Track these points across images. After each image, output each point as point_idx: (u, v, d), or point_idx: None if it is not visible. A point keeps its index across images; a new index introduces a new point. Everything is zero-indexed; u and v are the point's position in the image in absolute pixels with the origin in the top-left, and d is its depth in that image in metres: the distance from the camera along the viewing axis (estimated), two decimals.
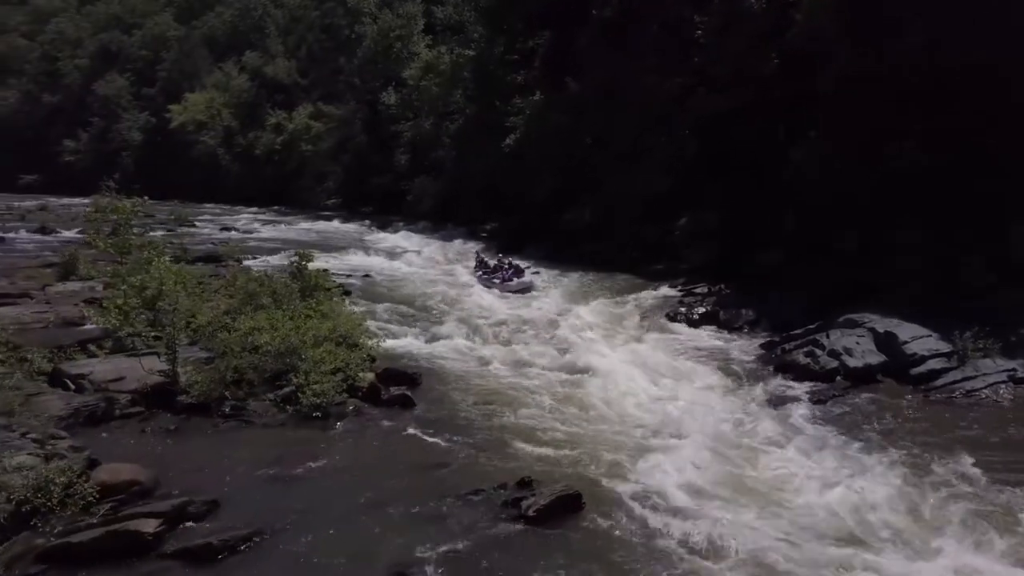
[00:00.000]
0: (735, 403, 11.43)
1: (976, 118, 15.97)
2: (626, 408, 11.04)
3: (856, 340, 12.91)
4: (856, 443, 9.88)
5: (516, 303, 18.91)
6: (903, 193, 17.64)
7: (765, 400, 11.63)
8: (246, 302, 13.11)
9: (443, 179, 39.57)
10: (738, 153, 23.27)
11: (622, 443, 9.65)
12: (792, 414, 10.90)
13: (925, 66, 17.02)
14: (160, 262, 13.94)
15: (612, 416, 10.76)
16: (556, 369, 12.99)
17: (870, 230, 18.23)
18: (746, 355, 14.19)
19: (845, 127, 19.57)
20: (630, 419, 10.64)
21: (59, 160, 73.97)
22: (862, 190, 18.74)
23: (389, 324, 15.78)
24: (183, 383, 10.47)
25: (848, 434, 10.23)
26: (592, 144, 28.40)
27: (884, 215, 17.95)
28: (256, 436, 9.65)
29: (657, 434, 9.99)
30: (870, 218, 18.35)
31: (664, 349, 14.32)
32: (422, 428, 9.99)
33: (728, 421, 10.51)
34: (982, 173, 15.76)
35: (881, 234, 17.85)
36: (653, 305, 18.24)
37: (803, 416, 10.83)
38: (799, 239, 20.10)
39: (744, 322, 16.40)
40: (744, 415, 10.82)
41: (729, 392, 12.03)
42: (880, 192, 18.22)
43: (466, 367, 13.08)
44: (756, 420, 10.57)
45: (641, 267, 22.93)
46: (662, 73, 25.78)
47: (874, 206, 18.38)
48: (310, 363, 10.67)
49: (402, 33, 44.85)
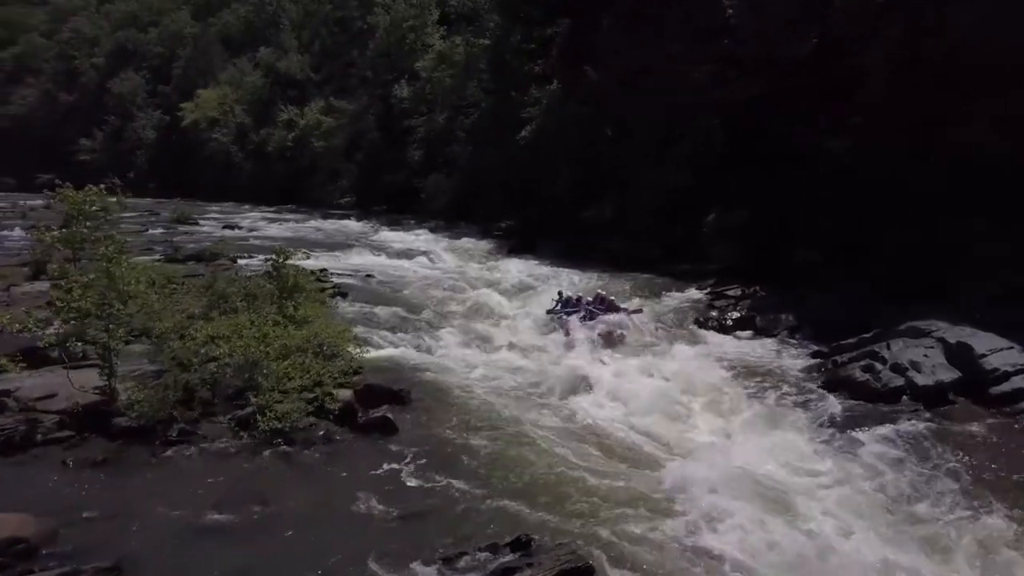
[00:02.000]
0: (785, 434, 9.48)
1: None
2: (653, 442, 9.20)
3: (924, 352, 10.97)
4: (939, 482, 8.01)
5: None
6: (962, 184, 15.75)
7: (820, 426, 9.74)
8: (214, 305, 11.48)
9: (457, 175, 37.91)
10: (770, 144, 21.35)
11: (647, 492, 7.79)
12: (855, 446, 9.01)
13: (988, 44, 15.10)
14: (120, 260, 12.43)
15: (635, 453, 8.94)
16: (568, 390, 11.17)
17: (922, 225, 16.38)
18: (791, 369, 12.27)
19: (894, 113, 17.72)
20: (658, 457, 8.80)
21: (75, 159, 73.34)
22: (912, 181, 16.87)
23: (383, 330, 14.04)
24: (123, 402, 8.83)
25: (926, 471, 8.34)
26: (613, 136, 26.60)
27: (939, 208, 16.06)
28: (200, 469, 7.96)
29: (692, 480, 8.04)
30: (922, 212, 16.49)
31: (695, 362, 12.40)
32: (402, 461, 8.25)
33: (778, 459, 8.60)
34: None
35: (936, 230, 15.97)
36: (680, 309, 16.37)
37: (868, 449, 8.93)
38: (838, 236, 18.27)
39: (784, 328, 14.53)
40: (797, 450, 8.91)
41: (775, 418, 10.09)
42: (934, 183, 16.34)
43: (463, 382, 11.30)
44: (812, 456, 8.69)
45: (665, 266, 21.08)
46: (688, 60, 23.92)
47: (927, 199, 16.49)
48: (272, 379, 8.98)
49: (415, 24, 43.27)
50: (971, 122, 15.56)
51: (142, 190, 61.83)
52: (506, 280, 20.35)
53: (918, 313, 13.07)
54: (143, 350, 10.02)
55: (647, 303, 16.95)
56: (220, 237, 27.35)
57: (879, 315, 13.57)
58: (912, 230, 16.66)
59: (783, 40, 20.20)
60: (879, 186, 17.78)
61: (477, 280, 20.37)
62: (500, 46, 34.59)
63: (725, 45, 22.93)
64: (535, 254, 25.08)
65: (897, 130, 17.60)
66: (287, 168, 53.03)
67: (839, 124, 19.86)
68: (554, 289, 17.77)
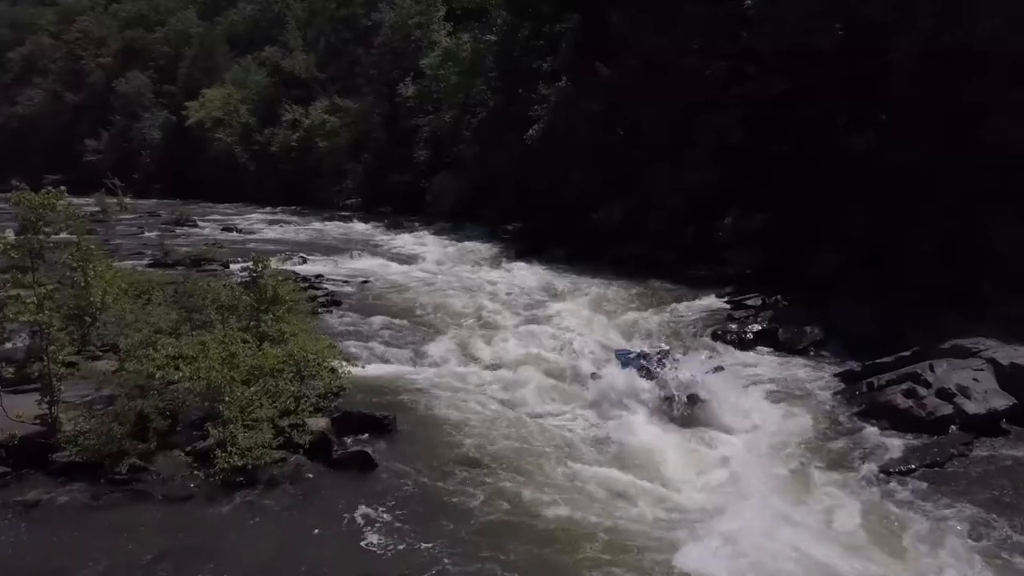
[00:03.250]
0: (818, 475, 8.20)
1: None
2: (667, 484, 8.03)
3: (973, 376, 9.79)
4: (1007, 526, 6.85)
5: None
6: (997, 184, 14.68)
7: (857, 462, 8.55)
8: (183, 319, 10.45)
9: (464, 176, 36.86)
10: (791, 142, 20.21)
11: (657, 546, 6.64)
12: (900, 487, 7.83)
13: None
14: (87, 269, 11.48)
15: (647, 493, 7.76)
16: (574, 415, 10.05)
17: (956, 228, 15.23)
18: (819, 390, 11.07)
19: (924, 108, 16.56)
20: (669, 505, 7.61)
21: (83, 159, 72.93)
22: (943, 181, 15.74)
23: (374, 343, 12.99)
24: (66, 433, 7.79)
25: (990, 518, 7.18)
26: (625, 135, 25.51)
27: (971, 210, 14.96)
28: (145, 516, 6.93)
29: (707, 534, 6.83)
30: (955, 214, 15.35)
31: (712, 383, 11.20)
32: (380, 506, 7.16)
33: (811, 507, 7.42)
34: None
35: (973, 233, 14.83)
36: (695, 320, 15.18)
37: (914, 488, 7.76)
38: (866, 240, 17.11)
39: (809, 343, 13.35)
40: (833, 494, 7.71)
41: (805, 452, 8.89)
42: (967, 183, 15.24)
43: (458, 405, 10.16)
44: (851, 503, 7.49)
45: (680, 272, 19.96)
46: (705, 55, 22.83)
47: (961, 200, 15.35)
48: (236, 408, 7.91)
49: (421, 20, 42.21)
50: (1007, 117, 14.41)
51: (148, 191, 61.28)
52: (513, 287, 19.21)
53: (956, 325, 11.96)
54: (91, 371, 8.96)
55: (659, 313, 15.79)
56: (213, 241, 26.43)
57: (913, 327, 12.46)
58: (943, 233, 15.56)
59: (806, 32, 19.00)
60: (907, 186, 16.66)
61: (482, 287, 19.24)
62: (508, 43, 33.62)
63: (743, 39, 21.75)
64: (543, 258, 23.99)
65: (927, 126, 16.48)
66: (292, 169, 52.09)
67: (864, 120, 18.75)
68: (570, 300, 16.74)
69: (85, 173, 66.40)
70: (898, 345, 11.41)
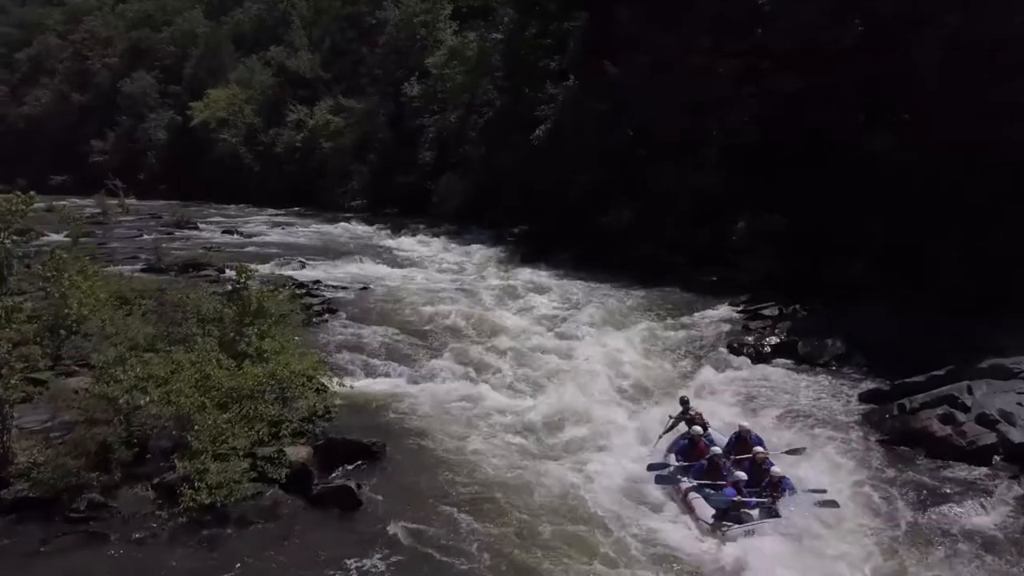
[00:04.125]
0: (851, 517, 7.35)
1: None
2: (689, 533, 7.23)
3: (1016, 400, 8.98)
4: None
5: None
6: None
7: (893, 495, 7.75)
8: (162, 335, 9.75)
9: (469, 177, 36.13)
10: (807, 142, 19.41)
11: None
12: (945, 532, 7.03)
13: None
14: (61, 279, 10.83)
15: (665, 540, 7.00)
16: (578, 445, 9.21)
17: (984, 233, 14.46)
18: (845, 413, 10.23)
19: (950, 107, 15.78)
20: (690, 558, 6.84)
21: (88, 160, 72.66)
22: (968, 183, 14.97)
23: (369, 357, 12.27)
24: (19, 465, 7.09)
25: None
26: (634, 135, 24.68)
27: (1003, 213, 14.20)
28: (100, 561, 6.21)
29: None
30: (983, 217, 14.60)
31: (729, 401, 10.44)
32: (362, 554, 6.41)
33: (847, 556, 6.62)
34: None
35: (1001, 237, 14.10)
36: (711, 330, 14.36)
37: (961, 529, 6.96)
38: (886, 245, 16.31)
39: (830, 356, 12.54)
40: (869, 537, 6.93)
41: (833, 482, 8.04)
42: (993, 184, 14.55)
43: (456, 432, 9.39)
44: (893, 549, 6.72)
45: (691, 277, 19.23)
46: (716, 52, 22.00)
47: (991, 202, 14.59)
48: (207, 437, 7.19)
49: (427, 19, 41.50)
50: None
51: (153, 192, 60.80)
52: (518, 294, 18.43)
53: (989, 339, 11.16)
54: (61, 390, 8.26)
55: (673, 324, 14.97)
56: (212, 244, 25.77)
57: (942, 340, 11.63)
58: (970, 238, 14.75)
59: (824, 29, 18.18)
60: (930, 188, 15.87)
61: (485, 294, 18.46)
62: (514, 41, 32.88)
63: (757, 35, 20.95)
64: (550, 262, 23.31)
65: (952, 125, 15.72)
66: (297, 170, 51.53)
67: (885, 120, 17.92)
68: (579, 311, 15.85)
69: (91, 174, 66.30)
70: (927, 360, 10.60)
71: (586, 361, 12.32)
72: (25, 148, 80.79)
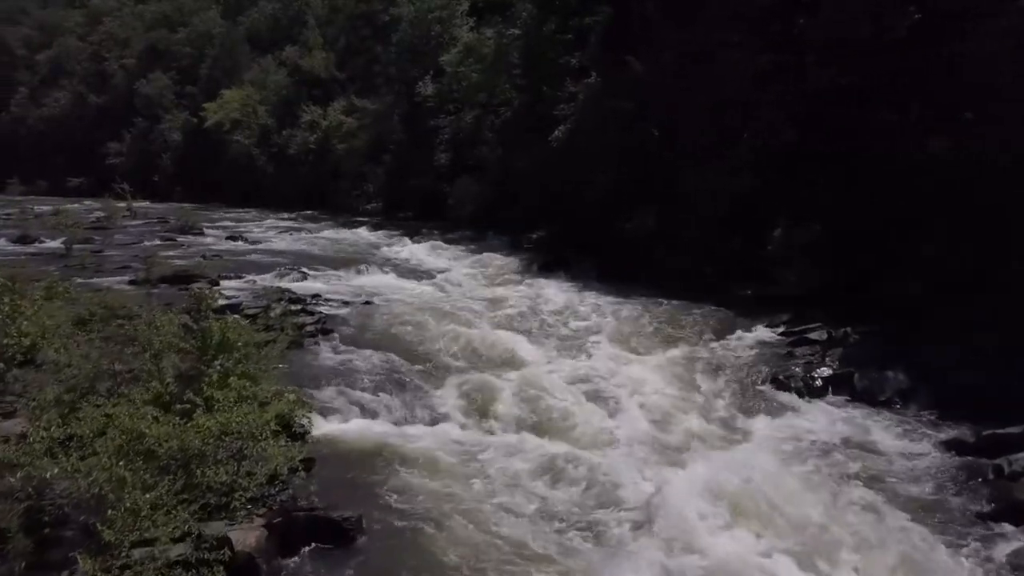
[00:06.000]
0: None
1: None
2: None
3: None
4: None
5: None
6: None
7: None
8: (107, 373, 8.30)
9: (486, 180, 34.72)
10: (850, 143, 17.64)
11: None
12: None
13: None
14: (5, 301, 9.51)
15: None
16: (599, 518, 7.60)
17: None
18: (924, 472, 8.47)
19: (1020, 104, 14.01)
20: None
21: (105, 162, 72.40)
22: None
23: (361, 391, 10.76)
24: None
25: None
26: (659, 135, 23.10)
27: None
28: None
29: None
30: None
31: (779, 453, 8.76)
32: None
33: None
34: None
35: None
36: (749, 359, 12.66)
37: None
38: (950, 262, 14.48)
39: (893, 393, 10.82)
40: None
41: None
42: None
43: (457, 495, 7.77)
44: None
45: (723, 291, 17.54)
46: (749, 46, 20.36)
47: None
48: (123, 523, 5.70)
49: (443, 15, 40.11)
50: None
51: (169, 194, 60.13)
52: (538, 311, 16.83)
53: None
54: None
55: (710, 347, 13.32)
56: (213, 252, 24.51)
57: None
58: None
59: (873, 17, 16.46)
60: (1002, 197, 14.05)
61: (499, 310, 16.88)
62: (533, 37, 31.53)
63: (796, 26, 19.23)
64: (570, 272, 21.81)
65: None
66: (310, 171, 50.47)
67: (943, 119, 16.12)
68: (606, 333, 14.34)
69: (107, 176, 65.96)
70: (1017, 405, 8.89)
71: (615, 404, 10.70)
72: (45, 150, 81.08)
